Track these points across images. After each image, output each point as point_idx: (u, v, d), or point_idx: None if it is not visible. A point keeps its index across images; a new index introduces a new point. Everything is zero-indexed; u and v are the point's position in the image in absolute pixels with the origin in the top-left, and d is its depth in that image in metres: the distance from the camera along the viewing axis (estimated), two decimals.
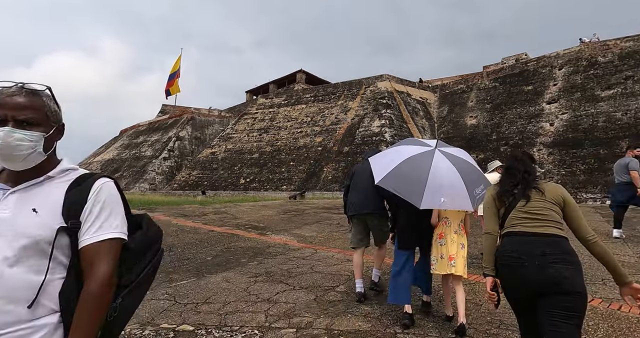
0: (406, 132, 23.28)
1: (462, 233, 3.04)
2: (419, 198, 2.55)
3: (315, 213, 10.42)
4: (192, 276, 4.26)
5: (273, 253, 5.53)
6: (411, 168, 2.71)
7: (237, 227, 7.99)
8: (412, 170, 2.70)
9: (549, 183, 2.07)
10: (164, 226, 7.92)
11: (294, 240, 6.62)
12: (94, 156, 41.22)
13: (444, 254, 2.94)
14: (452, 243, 2.95)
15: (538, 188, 1.97)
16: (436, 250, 3.02)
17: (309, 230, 7.66)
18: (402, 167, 2.72)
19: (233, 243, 6.21)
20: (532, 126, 18.84)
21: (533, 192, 1.96)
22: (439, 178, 2.61)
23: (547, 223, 1.85)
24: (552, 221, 1.86)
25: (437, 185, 2.58)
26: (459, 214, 3.04)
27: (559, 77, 19.72)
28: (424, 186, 2.56)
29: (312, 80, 40.94)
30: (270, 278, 4.14)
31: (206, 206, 12.43)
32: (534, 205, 1.92)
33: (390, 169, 2.72)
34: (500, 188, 2.06)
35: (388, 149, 3.28)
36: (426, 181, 2.58)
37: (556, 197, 1.94)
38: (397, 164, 2.73)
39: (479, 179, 2.81)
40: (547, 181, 2.14)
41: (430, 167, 2.66)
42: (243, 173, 25.99)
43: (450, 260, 2.89)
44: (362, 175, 3.66)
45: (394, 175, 2.70)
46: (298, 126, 27.66)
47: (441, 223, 3.04)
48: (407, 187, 2.63)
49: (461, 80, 27.07)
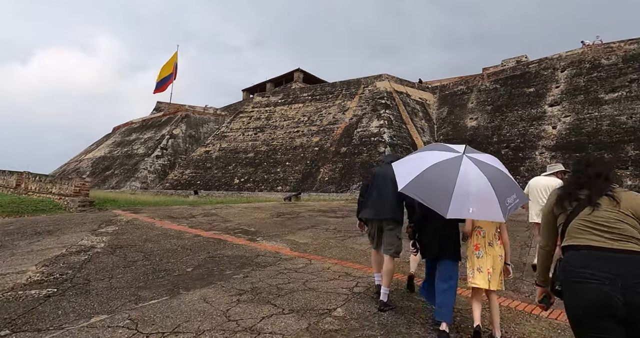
0: (405, 133, 22.79)
1: (499, 243, 2.87)
2: (445, 207, 2.37)
3: (310, 217, 9.83)
4: (165, 293, 3.66)
5: (262, 263, 4.94)
6: (437, 175, 2.55)
7: (225, 232, 7.39)
8: (438, 177, 2.54)
9: (627, 191, 1.68)
10: (145, 230, 7.30)
11: (287, 247, 6.03)
12: (85, 153, 40.30)
13: (481, 267, 2.81)
14: (488, 255, 2.82)
15: (613, 197, 1.66)
16: (472, 261, 2.89)
17: (303, 236, 7.08)
18: (427, 173, 2.56)
19: (219, 251, 5.61)
20: (534, 129, 18.42)
21: (605, 200, 1.66)
22: (466, 187, 2.43)
23: (623, 238, 1.60)
24: (628, 236, 1.60)
25: (464, 194, 2.40)
26: (493, 224, 2.88)
27: (562, 79, 19.33)
28: (451, 194, 2.39)
29: (309, 80, 40.37)
30: (256, 297, 3.55)
31: (196, 207, 11.80)
32: (602, 215, 1.64)
33: (414, 175, 2.56)
34: (562, 191, 1.80)
35: (412, 154, 3.06)
36: (453, 189, 2.41)
37: (634, 207, 1.63)
38: (422, 171, 2.56)
39: (511, 188, 2.55)
40: (626, 190, 1.70)
41: (458, 174, 2.49)
42: (237, 173, 25.34)
43: (488, 274, 2.78)
44: (382, 179, 3.59)
45: (418, 182, 2.54)
46: (295, 125, 27.07)
47: (474, 233, 2.92)
48: (432, 194, 2.47)
49: (461, 82, 26.65)
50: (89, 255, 5.12)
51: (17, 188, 14.16)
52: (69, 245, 5.74)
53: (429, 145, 3.14)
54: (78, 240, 6.11)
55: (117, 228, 7.40)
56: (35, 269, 4.39)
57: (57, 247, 5.67)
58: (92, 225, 7.67)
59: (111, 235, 6.68)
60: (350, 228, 8.02)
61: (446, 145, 2.95)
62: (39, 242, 6.15)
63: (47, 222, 8.12)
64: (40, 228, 7.37)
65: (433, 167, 2.57)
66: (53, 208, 10.74)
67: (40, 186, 12.87)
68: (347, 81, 28.55)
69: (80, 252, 5.33)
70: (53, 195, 11.88)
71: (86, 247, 5.67)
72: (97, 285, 3.88)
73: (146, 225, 7.88)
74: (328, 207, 12.76)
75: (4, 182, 15.62)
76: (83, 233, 6.76)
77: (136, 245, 5.87)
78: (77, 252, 5.33)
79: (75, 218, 8.68)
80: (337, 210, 11.65)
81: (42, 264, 4.61)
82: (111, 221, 8.23)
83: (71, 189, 10.98)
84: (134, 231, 7.10)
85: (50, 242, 6.12)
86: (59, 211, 10.58)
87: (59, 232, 7.03)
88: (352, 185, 19.74)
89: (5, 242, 6.20)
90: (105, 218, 8.68)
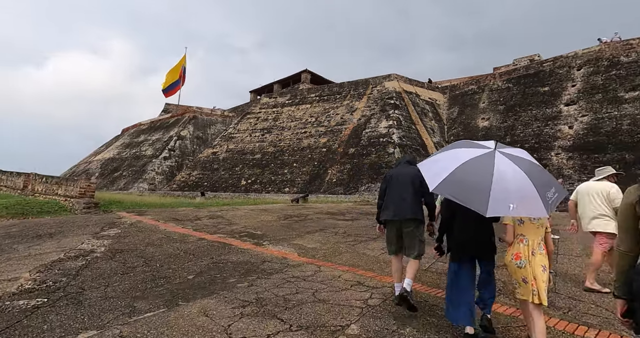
0: (415, 134, 22.33)
1: (544, 253, 2.65)
2: (484, 205, 2.22)
3: (318, 220, 9.51)
4: (163, 304, 3.36)
5: (268, 270, 4.62)
6: (470, 173, 2.40)
7: (231, 235, 7.10)
8: (471, 175, 2.39)
9: None
10: (148, 233, 7.06)
11: (294, 252, 5.71)
12: (94, 155, 40.66)
13: (526, 278, 2.58)
14: (531, 265, 2.58)
15: None
16: (514, 272, 2.65)
17: (311, 240, 6.75)
18: (460, 172, 2.41)
19: (223, 256, 5.32)
20: (550, 129, 17.81)
21: None
22: (504, 183, 2.29)
23: None
24: None
25: (503, 190, 2.26)
26: (537, 231, 2.66)
27: (578, 78, 18.68)
28: (489, 192, 2.24)
29: (317, 81, 40.11)
30: (261, 310, 3.23)
31: (202, 209, 11.57)
32: None
33: (445, 174, 2.41)
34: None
35: (438, 153, 2.87)
36: (490, 186, 2.26)
37: None
38: (454, 169, 2.42)
39: (550, 182, 2.44)
40: None
41: (493, 171, 2.34)
42: (244, 174, 25.16)
43: (532, 287, 2.54)
44: (399, 179, 3.52)
45: (451, 181, 2.39)
46: (302, 126, 26.80)
47: (516, 241, 2.67)
48: (467, 193, 2.34)
49: (472, 81, 26.09)
50: (87, 261, 4.88)
51: (24, 190, 14.13)
52: (67, 250, 5.51)
53: (454, 143, 2.89)
54: (78, 244, 5.89)
55: (120, 231, 7.17)
56: (28, 276, 4.15)
57: (55, 251, 5.45)
58: (94, 227, 7.46)
59: (113, 238, 6.45)
60: (361, 232, 7.68)
61: (474, 142, 2.78)
62: (38, 245, 5.94)
63: (50, 225, 7.95)
64: (42, 231, 7.18)
65: (465, 165, 2.41)
66: (58, 210, 10.62)
67: (46, 187, 12.80)
68: (355, 81, 28.20)
69: (78, 257, 5.09)
70: (59, 197, 11.77)
71: (85, 251, 5.44)
72: (90, 294, 3.61)
73: (150, 227, 7.65)
74: (336, 210, 12.42)
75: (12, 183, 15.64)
76: (84, 237, 6.55)
77: (137, 250, 5.62)
78: (75, 257, 5.09)
79: (78, 220, 8.50)
80: (345, 213, 11.31)
81: (36, 270, 4.37)
82: (114, 223, 8.02)
83: (76, 191, 10.85)
84: (137, 234, 6.86)
85: (50, 245, 5.90)
86: (64, 213, 10.45)
87: (60, 235, 6.83)
88: (360, 186, 19.36)
89: (5, 246, 6.00)
90: (109, 220, 8.48)
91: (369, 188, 18.93)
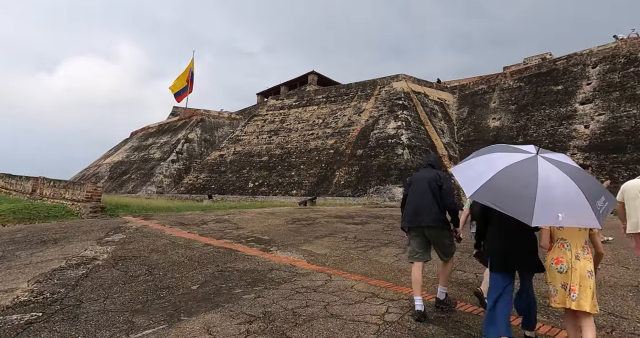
0: (424, 134, 21.94)
1: (589, 257, 2.42)
2: (529, 214, 2.05)
3: (327, 224, 9.24)
4: (164, 319, 3.14)
5: (276, 279, 4.38)
6: (513, 179, 2.24)
7: (237, 240, 6.89)
8: (514, 181, 2.22)
9: None
10: (153, 238, 6.88)
11: (303, 259, 5.46)
12: (103, 158, 41.04)
13: (566, 284, 2.38)
14: (574, 270, 2.37)
15: None
16: (554, 277, 2.44)
17: (320, 245, 6.49)
18: (500, 177, 2.25)
19: (229, 264, 5.09)
20: (564, 128, 17.28)
21: None
22: (550, 190, 2.12)
23: None
24: None
25: (549, 198, 2.09)
26: (580, 234, 2.45)
27: (593, 76, 18.12)
28: (534, 199, 2.08)
29: (324, 82, 39.92)
30: (269, 327, 2.98)
31: (208, 213, 11.40)
32: None
33: (484, 180, 2.26)
34: None
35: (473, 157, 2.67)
36: (535, 194, 2.09)
37: None
38: (493, 175, 2.26)
39: (599, 190, 2.26)
40: None
41: (538, 177, 2.17)
42: (252, 176, 25.03)
43: (572, 292, 2.34)
44: (420, 184, 3.41)
45: (490, 187, 2.24)
46: (309, 128, 26.60)
47: (556, 246, 2.47)
48: (510, 201, 2.16)
49: (481, 81, 25.59)
50: (88, 269, 4.69)
51: (32, 194, 14.17)
52: (70, 257, 5.34)
53: (490, 147, 2.69)
54: (81, 251, 5.72)
55: (125, 236, 7.01)
56: (26, 286, 3.97)
57: (57, 258, 5.28)
58: (99, 233, 7.31)
59: (117, 244, 6.28)
60: (372, 237, 7.39)
61: (512, 146, 2.62)
62: (41, 252, 5.79)
63: (55, 230, 7.83)
64: (46, 237, 7.06)
65: (506, 171, 2.27)
66: (65, 215, 10.54)
67: (54, 191, 12.79)
68: (362, 82, 27.92)
69: (80, 265, 4.91)
70: (66, 201, 11.72)
71: (88, 258, 5.26)
72: (88, 307, 3.41)
73: (155, 233, 7.47)
74: (345, 213, 12.14)
75: (21, 187, 15.72)
76: (88, 243, 6.39)
77: (141, 257, 5.43)
78: (76, 265, 4.91)
79: (84, 225, 8.38)
80: (355, 216, 11.02)
81: (35, 280, 4.19)
82: (119, 228, 7.87)
83: (83, 195, 10.77)
84: (142, 240, 6.68)
85: (53, 252, 5.75)
86: (71, 217, 10.36)
87: (64, 240, 6.69)
88: (369, 188, 19.04)
89: (7, 252, 5.87)
90: (114, 225, 8.34)
91: (377, 190, 18.60)
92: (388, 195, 17.79)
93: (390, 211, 13.32)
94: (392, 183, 18.37)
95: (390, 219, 10.21)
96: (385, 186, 18.49)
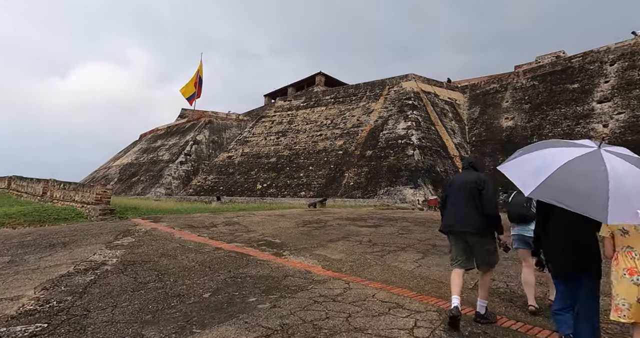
0: (434, 135, 21.56)
1: None
2: (602, 211, 1.90)
3: (339, 226, 9.00)
4: (175, 332, 2.93)
5: (292, 287, 4.15)
6: (577, 174, 2.07)
7: (249, 244, 6.69)
8: (580, 177, 2.06)
9: None
10: (163, 242, 6.71)
11: (318, 265, 5.23)
12: (113, 160, 41.41)
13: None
14: None
15: None
16: (628, 290, 2.19)
17: (334, 250, 6.25)
18: (563, 173, 2.07)
19: (241, 269, 4.88)
20: (581, 128, 16.78)
21: None
22: (623, 184, 1.97)
23: None
24: None
25: (623, 194, 1.93)
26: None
27: (611, 74, 17.57)
28: (607, 196, 1.92)
29: (331, 83, 39.70)
30: None
31: (218, 215, 11.24)
32: None
33: (543, 176, 2.08)
34: None
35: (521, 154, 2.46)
36: (608, 189, 1.94)
37: None
38: (554, 171, 2.07)
39: None
40: None
41: (607, 172, 2.01)
42: (260, 178, 24.91)
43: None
44: (460, 187, 3.24)
45: (552, 184, 2.07)
46: (317, 129, 26.40)
47: (622, 255, 2.22)
48: (578, 198, 2.00)
49: (493, 80, 25.11)
50: (96, 275, 4.53)
51: (43, 196, 14.21)
52: (78, 261, 5.19)
53: (540, 143, 2.49)
54: (89, 255, 5.57)
55: (134, 240, 6.86)
56: (32, 294, 3.81)
57: (65, 263, 5.14)
58: (108, 236, 7.18)
59: (126, 248, 6.13)
60: (387, 240, 7.13)
61: (567, 141, 2.45)
62: (49, 256, 5.66)
63: (65, 233, 7.73)
64: (55, 240, 6.95)
65: (569, 166, 2.09)
66: (74, 217, 10.48)
67: (64, 194, 12.78)
68: (371, 82, 27.64)
69: (88, 270, 4.75)
70: (76, 203, 11.69)
71: (96, 263, 5.10)
72: (96, 317, 3.22)
73: (164, 236, 7.32)
74: (357, 215, 11.88)
75: (32, 189, 15.80)
76: (97, 246, 6.25)
77: (150, 261, 5.25)
78: (84, 270, 4.75)
79: (93, 228, 8.27)
80: (367, 218, 10.75)
81: (42, 287, 4.03)
82: (129, 231, 7.74)
83: (93, 197, 10.71)
84: (151, 243, 6.53)
85: (61, 256, 5.61)
86: (80, 220, 10.30)
87: (73, 244, 6.57)
88: (379, 190, 18.74)
89: (16, 256, 5.76)
90: (123, 228, 8.22)
91: (388, 192, 18.29)
92: (399, 196, 17.47)
93: (403, 213, 13.01)
94: (403, 185, 18.04)
95: (404, 222, 9.93)
96: (395, 187, 18.17)
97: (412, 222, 9.99)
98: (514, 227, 3.64)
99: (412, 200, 16.70)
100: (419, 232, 8.26)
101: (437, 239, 7.31)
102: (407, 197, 17.11)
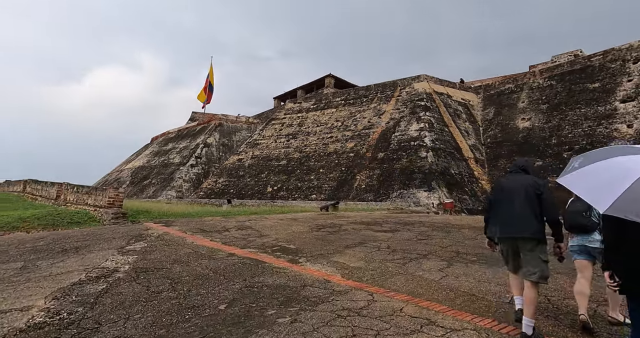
0: (448, 136, 21.11)
1: None
2: None
3: (354, 231, 8.73)
4: None
5: (312, 298, 3.90)
6: None
7: (263, 250, 6.47)
8: None
9: None
10: (175, 247, 6.55)
11: (337, 273, 4.97)
12: (125, 163, 41.91)
13: None
14: None
15: None
16: None
17: (353, 256, 5.98)
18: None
19: (257, 278, 4.66)
20: (604, 128, 16.16)
21: None
22: None
23: None
24: None
25: None
26: None
27: (635, 72, 16.92)
28: None
29: (341, 85, 39.52)
30: None
31: (229, 219, 11.09)
32: None
33: (621, 190, 1.84)
34: None
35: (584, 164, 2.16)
36: None
37: None
38: (632, 183, 1.83)
39: None
40: None
41: None
42: (270, 181, 24.78)
43: None
44: (514, 190, 3.06)
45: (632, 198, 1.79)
46: (328, 131, 26.18)
47: None
48: None
49: (508, 80, 24.54)
50: (108, 283, 4.36)
51: (57, 200, 14.30)
52: (90, 268, 5.05)
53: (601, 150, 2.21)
54: (102, 261, 5.43)
55: (146, 244, 6.72)
56: (42, 304, 3.65)
57: (77, 270, 4.99)
58: (120, 241, 7.06)
59: (138, 254, 5.97)
60: (406, 246, 6.83)
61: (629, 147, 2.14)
62: (61, 262, 5.54)
63: (77, 237, 7.65)
64: (68, 245, 6.85)
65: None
66: (87, 221, 10.45)
67: (77, 197, 12.82)
68: (382, 83, 27.33)
69: (100, 278, 4.59)
70: (88, 207, 11.69)
71: (108, 270, 4.95)
72: (107, 331, 3.03)
73: (177, 240, 7.16)
74: (371, 218, 11.59)
75: (47, 193, 15.95)
76: (109, 252, 6.12)
77: (163, 268, 5.07)
78: (96, 278, 4.59)
79: (105, 232, 8.18)
80: (382, 223, 10.45)
81: (52, 296, 3.87)
82: (141, 236, 7.61)
83: (105, 200, 10.67)
84: (163, 249, 6.37)
85: (73, 262, 5.48)
86: (93, 223, 10.26)
87: (85, 249, 6.45)
88: (391, 192, 18.38)
89: (28, 262, 5.65)
90: (135, 232, 8.10)
91: (401, 194, 17.92)
92: (412, 199, 17.08)
93: (418, 217, 12.66)
94: (417, 188, 17.65)
95: (422, 226, 9.59)
96: (409, 190, 17.79)
97: (430, 226, 9.65)
98: (572, 237, 3.39)
99: (426, 203, 16.30)
100: (438, 237, 7.94)
101: (459, 246, 6.98)
102: (421, 200, 16.72)
